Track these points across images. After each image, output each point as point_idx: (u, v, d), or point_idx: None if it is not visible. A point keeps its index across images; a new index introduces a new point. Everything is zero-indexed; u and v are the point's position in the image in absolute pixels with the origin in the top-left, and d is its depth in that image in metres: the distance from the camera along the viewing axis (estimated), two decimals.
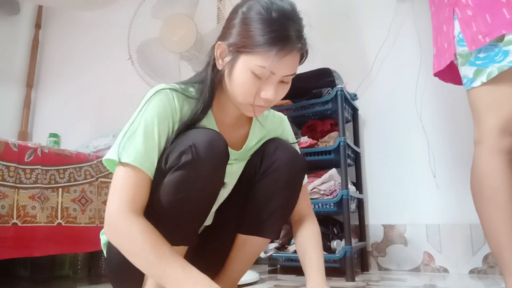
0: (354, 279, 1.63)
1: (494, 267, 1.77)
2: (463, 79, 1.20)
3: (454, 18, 1.19)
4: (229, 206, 1.03)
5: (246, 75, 0.83)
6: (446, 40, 1.23)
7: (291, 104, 1.97)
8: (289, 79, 0.88)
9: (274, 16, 0.82)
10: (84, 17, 3.27)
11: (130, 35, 1.95)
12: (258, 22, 0.81)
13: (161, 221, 0.81)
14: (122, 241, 0.77)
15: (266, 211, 0.97)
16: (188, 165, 0.79)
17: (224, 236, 1.03)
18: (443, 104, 2.00)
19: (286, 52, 0.82)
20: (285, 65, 0.83)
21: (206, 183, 0.82)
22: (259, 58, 0.81)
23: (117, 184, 0.80)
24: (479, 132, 1.15)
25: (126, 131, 0.84)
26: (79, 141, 2.78)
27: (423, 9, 2.10)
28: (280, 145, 0.99)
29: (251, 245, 1.01)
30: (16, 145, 1.45)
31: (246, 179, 1.01)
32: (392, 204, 2.03)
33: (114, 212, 0.78)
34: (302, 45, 0.86)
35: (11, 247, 1.36)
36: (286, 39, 0.81)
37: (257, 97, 0.86)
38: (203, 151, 0.79)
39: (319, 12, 2.36)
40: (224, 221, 1.04)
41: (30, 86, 3.26)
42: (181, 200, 0.80)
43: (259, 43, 0.80)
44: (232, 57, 0.85)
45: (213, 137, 0.82)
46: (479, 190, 1.14)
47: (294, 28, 0.84)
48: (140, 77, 1.95)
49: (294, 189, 1.00)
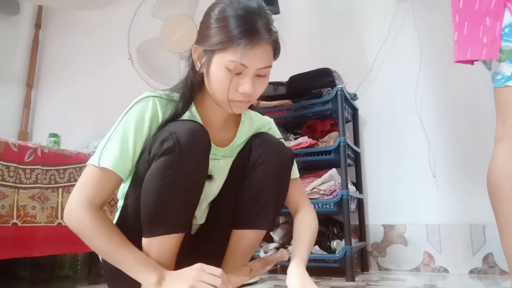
0: (354, 279, 1.63)
1: (494, 267, 1.77)
2: (495, 75, 1.17)
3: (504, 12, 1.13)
4: (221, 203, 1.04)
5: (220, 71, 0.87)
6: (487, 33, 1.18)
7: (291, 104, 1.97)
8: (265, 72, 0.91)
9: (240, 12, 0.86)
10: (84, 17, 3.27)
11: (130, 35, 1.95)
12: (227, 20, 0.86)
13: (149, 209, 0.84)
14: (77, 230, 0.85)
15: (259, 203, 0.99)
16: (170, 150, 0.82)
17: (219, 233, 1.04)
18: (443, 104, 2.00)
19: (254, 43, 0.85)
20: (256, 56, 0.86)
21: (189, 169, 0.84)
22: (230, 53, 0.85)
23: (83, 179, 0.87)
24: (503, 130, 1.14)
25: (107, 140, 0.89)
26: (79, 141, 2.78)
27: (423, 9, 2.10)
28: (266, 138, 1.02)
29: (246, 239, 1.02)
30: (16, 145, 1.45)
31: (235, 174, 1.03)
32: (392, 204, 2.03)
33: (72, 204, 0.85)
34: (270, 36, 0.88)
35: (11, 247, 1.36)
36: (253, 32, 0.85)
37: (234, 92, 0.89)
38: (184, 137, 0.83)
39: (319, 12, 2.36)
40: (217, 218, 1.05)
41: (30, 86, 3.26)
42: (166, 186, 0.83)
43: (228, 39, 0.84)
44: (207, 57, 0.89)
45: (194, 125, 0.86)
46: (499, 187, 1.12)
47: (261, 21, 0.87)
48: (140, 77, 1.95)
49: (284, 178, 1.02)
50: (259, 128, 1.10)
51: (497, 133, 1.16)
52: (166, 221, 0.85)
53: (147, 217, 0.85)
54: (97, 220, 0.84)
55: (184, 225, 0.90)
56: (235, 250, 1.02)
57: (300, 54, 2.28)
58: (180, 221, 0.89)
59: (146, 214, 0.85)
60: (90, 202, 0.85)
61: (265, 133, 1.06)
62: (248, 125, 1.07)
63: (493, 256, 1.78)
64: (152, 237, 0.85)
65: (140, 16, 1.91)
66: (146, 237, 0.86)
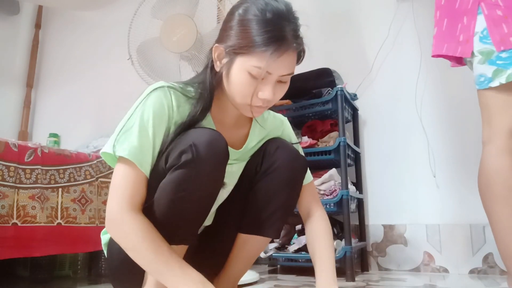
0: (354, 279, 1.63)
1: (494, 267, 1.77)
2: (478, 78, 1.18)
3: (478, 12, 1.16)
4: (229, 206, 1.03)
5: (243, 76, 0.84)
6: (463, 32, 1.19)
7: (291, 104, 1.97)
8: (287, 79, 0.89)
9: (269, 16, 0.82)
10: (84, 17, 3.27)
11: (130, 35, 1.95)
12: (253, 23, 0.82)
13: (162, 220, 0.82)
14: (122, 237, 0.80)
15: (267, 211, 0.98)
16: (188, 164, 0.79)
17: (225, 236, 1.03)
18: (443, 104, 2.00)
19: (282, 51, 0.82)
20: (281, 64, 0.84)
21: (206, 182, 0.82)
22: (255, 59, 0.82)
23: (116, 182, 0.82)
24: (489, 131, 1.15)
25: (122, 126, 0.85)
26: (79, 141, 2.78)
27: (423, 9, 2.10)
28: (281, 145, 1.00)
29: (251, 244, 1.01)
30: (16, 145, 1.45)
31: (246, 179, 1.02)
32: (392, 204, 2.03)
33: (115, 209, 0.80)
34: (298, 44, 0.87)
35: (11, 247, 1.36)
36: (281, 39, 0.82)
37: (254, 97, 0.86)
38: (203, 150, 0.80)
39: (319, 12, 2.36)
40: (224, 221, 1.04)
41: (30, 86, 3.26)
42: (181, 199, 0.81)
43: (255, 43, 0.81)
44: (229, 58, 0.86)
45: (213, 137, 0.83)
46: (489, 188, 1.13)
47: (289, 27, 0.84)
48: (140, 77, 1.95)
49: (295, 189, 1.00)
50: (271, 130, 1.07)
51: (484, 135, 1.17)
52: (177, 234, 0.84)
53: (158, 227, 0.81)
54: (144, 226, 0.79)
55: (192, 238, 0.90)
56: (239, 254, 1.02)
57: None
58: (191, 233, 0.89)
59: (158, 225, 0.81)
60: (132, 206, 0.80)
61: (281, 139, 1.04)
62: (261, 124, 1.05)
63: (493, 256, 1.78)
64: None
65: (140, 16, 1.91)
66: None
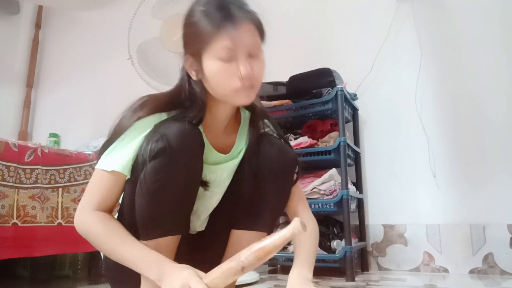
0: (354, 279, 1.63)
1: (494, 267, 1.77)
2: None
3: None
4: (222, 211, 1.03)
5: (215, 66, 0.86)
6: None
7: (291, 104, 1.97)
8: (256, 51, 0.89)
9: (209, 5, 0.87)
10: (84, 17, 3.27)
11: (130, 35, 1.95)
12: (199, 18, 0.86)
13: (145, 213, 0.84)
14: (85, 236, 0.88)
15: (259, 205, 0.98)
16: (161, 153, 0.81)
17: (219, 234, 1.03)
18: (443, 104, 2.00)
19: (235, 24, 0.84)
20: (240, 37, 0.85)
21: (181, 170, 0.83)
22: (217, 45, 0.84)
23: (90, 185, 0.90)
24: None
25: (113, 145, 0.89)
26: (79, 141, 2.78)
27: (423, 9, 2.10)
28: (268, 139, 1.01)
29: (246, 240, 1.00)
30: (16, 145, 1.45)
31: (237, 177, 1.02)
32: (392, 204, 2.03)
33: (81, 209, 0.87)
34: (248, 14, 0.88)
35: (11, 247, 1.37)
36: (229, 15, 0.84)
37: (234, 79, 0.86)
38: (174, 138, 0.82)
39: (319, 12, 2.36)
40: (218, 221, 1.04)
41: (30, 86, 3.26)
42: (159, 189, 0.82)
43: (209, 32, 0.84)
44: (197, 61, 0.88)
45: (184, 126, 0.85)
46: None
47: (232, 5, 0.87)
48: (140, 77, 1.95)
49: (286, 181, 1.00)
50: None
51: None
52: (161, 224, 0.85)
53: (142, 220, 0.85)
54: (101, 225, 0.85)
55: (179, 226, 0.90)
56: (234, 250, 1.02)
57: (300, 54, 2.29)
58: (176, 223, 0.88)
59: (140, 218, 0.85)
60: (97, 208, 0.87)
61: (267, 133, 1.04)
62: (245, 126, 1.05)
63: (493, 256, 1.78)
64: (148, 240, 0.85)
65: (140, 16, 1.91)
66: (143, 240, 0.86)
